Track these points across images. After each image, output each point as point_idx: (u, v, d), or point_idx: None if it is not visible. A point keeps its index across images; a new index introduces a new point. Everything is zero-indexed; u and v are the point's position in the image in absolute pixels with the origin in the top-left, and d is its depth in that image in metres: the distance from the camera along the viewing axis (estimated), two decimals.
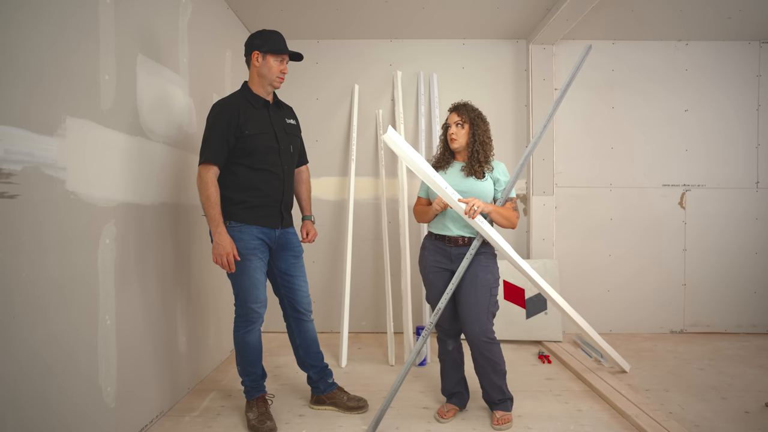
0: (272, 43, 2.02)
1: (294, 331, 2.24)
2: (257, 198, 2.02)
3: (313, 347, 2.25)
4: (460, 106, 2.14)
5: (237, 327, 2.09)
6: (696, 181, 3.63)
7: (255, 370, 2.13)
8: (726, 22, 3.31)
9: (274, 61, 2.03)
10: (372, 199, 3.61)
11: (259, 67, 2.03)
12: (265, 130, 2.03)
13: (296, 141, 2.21)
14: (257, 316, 2.06)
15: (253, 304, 2.02)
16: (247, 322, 2.06)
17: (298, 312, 2.20)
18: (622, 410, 2.16)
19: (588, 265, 3.62)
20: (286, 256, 2.15)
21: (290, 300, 2.18)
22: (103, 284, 1.72)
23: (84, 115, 1.62)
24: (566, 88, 2.04)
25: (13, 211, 1.33)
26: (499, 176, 2.10)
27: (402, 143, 1.99)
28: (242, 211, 2.00)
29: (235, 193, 2.00)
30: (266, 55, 2.02)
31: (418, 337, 2.89)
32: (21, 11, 1.37)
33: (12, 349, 1.33)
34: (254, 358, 2.11)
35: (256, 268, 2.02)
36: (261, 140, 2.01)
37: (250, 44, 2.05)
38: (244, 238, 1.99)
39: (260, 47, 2.02)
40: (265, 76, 2.04)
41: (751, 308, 3.59)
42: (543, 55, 3.55)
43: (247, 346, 2.08)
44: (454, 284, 2.01)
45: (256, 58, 2.02)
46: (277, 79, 2.06)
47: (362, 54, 3.63)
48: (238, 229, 1.99)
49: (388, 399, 2.00)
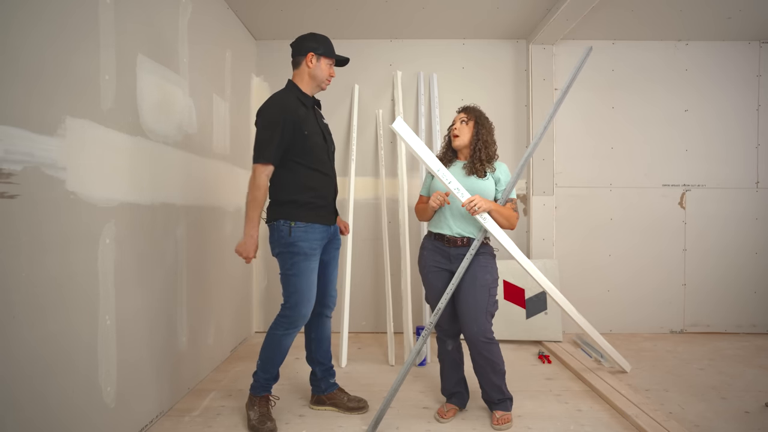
0: (326, 46, 2.09)
1: (312, 324, 2.25)
2: (318, 198, 2.06)
3: (326, 344, 2.28)
4: (468, 107, 2.18)
5: (278, 326, 2.07)
6: (696, 181, 3.63)
7: (273, 371, 2.13)
8: (726, 22, 3.31)
9: (326, 64, 2.09)
10: (372, 199, 3.61)
11: (313, 69, 2.07)
12: (316, 130, 2.08)
13: (333, 141, 2.26)
14: (303, 321, 2.07)
15: (306, 308, 2.04)
16: (291, 325, 2.05)
17: (324, 306, 2.22)
18: (622, 410, 2.16)
19: (588, 265, 3.62)
20: (330, 247, 2.19)
21: (320, 291, 2.20)
22: (103, 284, 1.72)
23: (84, 115, 1.62)
24: (566, 89, 2.04)
25: (13, 211, 1.33)
26: (501, 176, 2.11)
27: (409, 134, 2.05)
28: (309, 212, 2.03)
29: (301, 195, 2.02)
30: (321, 58, 2.07)
31: (418, 337, 2.90)
32: (21, 11, 1.36)
33: (12, 349, 1.33)
34: (280, 359, 2.11)
35: (313, 270, 2.05)
36: (315, 140, 2.05)
37: (305, 46, 2.07)
38: (310, 238, 2.02)
39: (315, 49, 2.06)
40: (316, 77, 2.08)
41: (751, 308, 3.59)
42: (543, 55, 3.55)
43: (280, 347, 2.08)
44: (453, 284, 2.01)
45: (311, 60, 2.06)
46: (326, 81, 2.12)
47: (362, 54, 3.63)
48: (304, 229, 2.01)
49: (387, 399, 2.00)
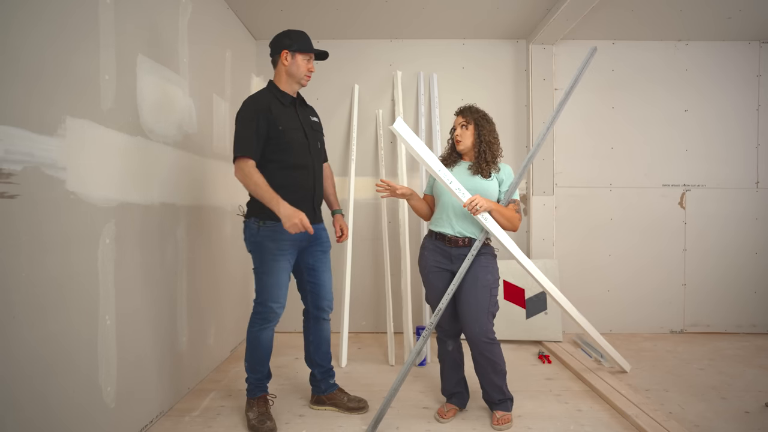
0: (301, 42, 2.06)
1: (310, 328, 2.26)
2: (291, 195, 2.00)
3: (324, 347, 2.27)
4: (465, 109, 2.17)
5: (253, 323, 2.10)
6: (696, 181, 3.63)
7: (262, 369, 2.14)
8: (726, 22, 3.31)
9: (302, 59, 2.07)
10: (372, 199, 3.61)
11: (288, 66, 2.06)
12: (295, 126, 2.06)
13: (321, 137, 2.25)
14: (275, 316, 2.07)
15: (274, 303, 2.04)
16: (264, 320, 2.07)
17: (319, 309, 2.22)
18: (622, 410, 2.16)
19: (588, 265, 3.62)
20: (314, 251, 2.17)
21: (314, 295, 2.20)
22: (103, 284, 1.72)
23: (84, 115, 1.62)
24: (570, 90, 2.05)
25: (13, 211, 1.33)
26: (505, 178, 2.12)
27: (409, 134, 2.03)
28: None
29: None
30: (295, 54, 2.05)
31: (419, 338, 2.90)
32: (21, 10, 1.36)
33: (12, 349, 1.33)
34: (264, 356, 2.12)
35: (283, 269, 2.04)
36: (292, 136, 2.04)
37: (279, 43, 2.07)
38: (278, 238, 2.01)
39: (289, 46, 2.05)
40: (293, 74, 2.07)
41: (751, 308, 3.59)
42: (543, 55, 3.55)
43: (259, 343, 2.10)
44: (455, 285, 2.01)
45: (285, 57, 2.05)
46: (305, 78, 2.10)
47: (362, 54, 3.63)
48: (272, 229, 2.00)
49: (387, 399, 2.00)
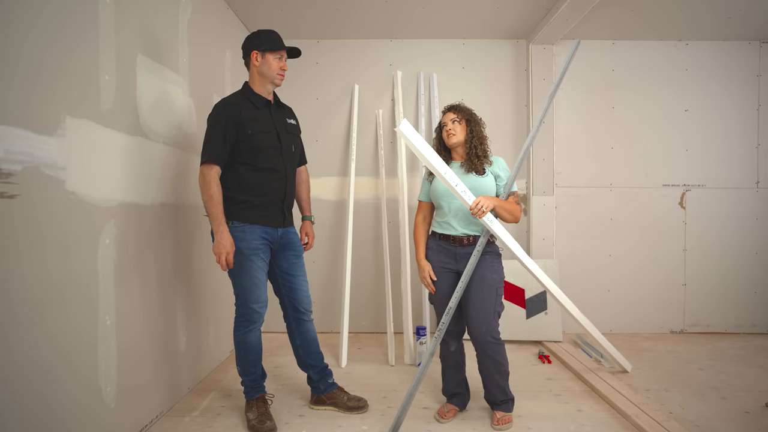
0: (270, 41, 2.03)
1: (294, 331, 2.24)
2: (259, 197, 2.01)
3: (313, 347, 2.25)
4: (455, 106, 2.18)
5: (237, 326, 2.09)
6: (696, 181, 3.63)
7: (255, 370, 2.13)
8: (726, 22, 3.31)
9: (273, 58, 2.03)
10: (372, 199, 3.61)
11: (259, 66, 2.03)
12: (267, 129, 2.03)
13: (297, 141, 2.22)
14: (258, 316, 2.06)
15: (255, 303, 2.03)
16: (248, 321, 2.06)
17: (299, 312, 2.20)
18: (622, 410, 2.16)
19: (588, 265, 3.62)
20: (287, 255, 2.15)
21: (291, 300, 2.18)
22: (103, 284, 1.72)
23: (84, 115, 1.62)
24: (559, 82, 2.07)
25: (13, 211, 1.33)
26: (499, 171, 2.11)
27: (415, 136, 1.99)
28: (245, 210, 2.00)
29: (238, 193, 2.00)
30: (265, 54, 2.02)
31: (419, 338, 2.89)
32: (21, 10, 1.36)
33: (12, 349, 1.33)
34: (254, 357, 2.11)
35: (258, 268, 2.02)
36: (263, 139, 2.01)
37: (248, 45, 2.05)
38: (247, 238, 1.99)
39: (258, 46, 2.02)
40: (265, 74, 2.04)
41: (751, 308, 3.59)
42: (543, 55, 3.55)
43: (247, 346, 2.09)
44: (464, 282, 1.99)
45: (255, 58, 2.03)
46: (278, 77, 2.06)
47: (362, 54, 3.62)
48: (241, 229, 1.99)
49: (404, 405, 1.95)
